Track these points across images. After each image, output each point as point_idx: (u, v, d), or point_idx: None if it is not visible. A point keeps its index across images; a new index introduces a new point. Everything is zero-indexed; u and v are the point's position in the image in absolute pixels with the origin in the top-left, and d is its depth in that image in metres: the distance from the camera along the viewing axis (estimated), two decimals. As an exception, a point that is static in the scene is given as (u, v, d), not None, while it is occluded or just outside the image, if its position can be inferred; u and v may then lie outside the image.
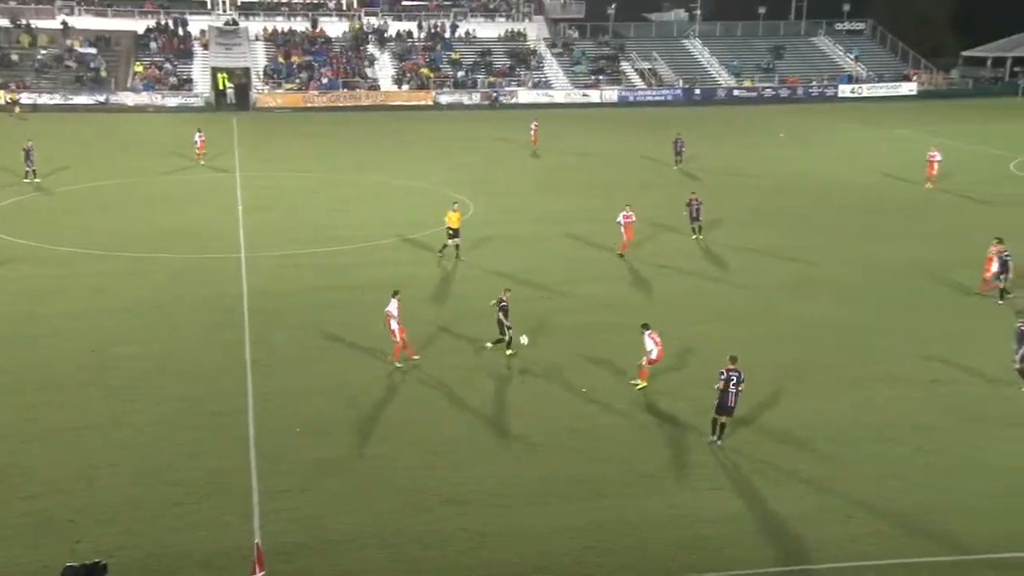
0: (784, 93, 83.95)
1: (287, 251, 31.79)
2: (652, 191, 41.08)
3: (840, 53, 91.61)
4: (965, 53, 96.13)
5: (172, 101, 73.67)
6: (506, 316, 22.46)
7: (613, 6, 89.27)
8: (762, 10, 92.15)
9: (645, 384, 20.71)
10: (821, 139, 59.57)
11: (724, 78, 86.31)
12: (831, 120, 68.46)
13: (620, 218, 31.25)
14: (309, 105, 75.04)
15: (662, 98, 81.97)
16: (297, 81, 77.52)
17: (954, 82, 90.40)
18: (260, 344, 23.21)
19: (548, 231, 34.65)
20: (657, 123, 64.97)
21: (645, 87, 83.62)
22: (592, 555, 14.74)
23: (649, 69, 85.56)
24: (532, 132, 54.60)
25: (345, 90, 77.19)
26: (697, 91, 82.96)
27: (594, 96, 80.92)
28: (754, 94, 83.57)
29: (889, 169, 46.80)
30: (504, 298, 22.64)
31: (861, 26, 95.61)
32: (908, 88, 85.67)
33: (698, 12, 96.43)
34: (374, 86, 78.71)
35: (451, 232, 30.69)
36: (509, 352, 22.47)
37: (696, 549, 14.92)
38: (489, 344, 22.80)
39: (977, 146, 54.57)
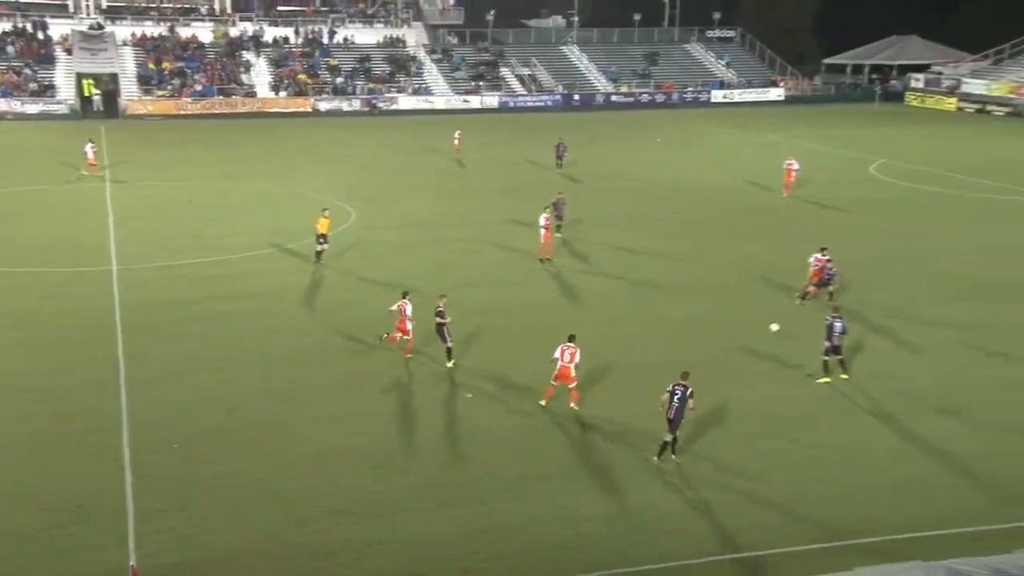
0: (660, 98, 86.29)
1: (161, 262, 30.84)
2: (531, 192, 41.46)
3: (712, 60, 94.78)
4: (827, 60, 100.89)
5: (33, 108, 70.23)
6: (444, 320, 21.89)
7: (492, 12, 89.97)
8: (637, 17, 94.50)
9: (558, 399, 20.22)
10: (697, 144, 61.50)
11: (602, 84, 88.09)
12: (705, 125, 70.77)
13: (542, 220, 31.26)
14: (182, 112, 72.79)
15: (542, 104, 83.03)
16: (169, 88, 75.11)
17: (818, 88, 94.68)
18: (134, 359, 22.45)
19: (423, 236, 34.88)
20: (538, 128, 65.83)
21: (525, 93, 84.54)
22: (478, 560, 14.84)
23: (529, 75, 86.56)
24: (456, 142, 54.19)
25: (220, 97, 75.23)
26: (576, 97, 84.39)
27: (475, 102, 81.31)
28: (631, 99, 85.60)
29: (760, 173, 48.70)
30: (440, 305, 22.14)
31: (731, 34, 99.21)
32: (776, 94, 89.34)
33: (575, 19, 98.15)
34: (251, 93, 76.95)
35: (321, 239, 30.54)
36: (450, 364, 22.15)
37: (581, 549, 15.16)
38: (450, 364, 22.09)
39: (840, 150, 57.40)
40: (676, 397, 17.61)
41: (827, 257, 26.88)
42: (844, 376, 21.79)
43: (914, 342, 24.07)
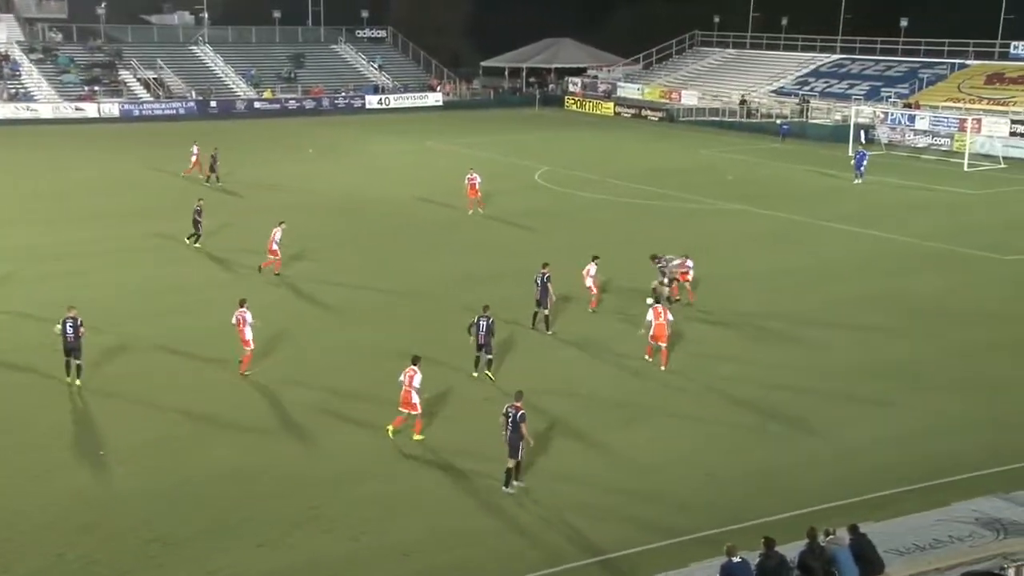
0: (309, 105, 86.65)
1: None
2: (178, 209, 40.11)
3: (363, 62, 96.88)
4: (484, 63, 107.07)
5: None
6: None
7: (104, 5, 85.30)
8: (277, 14, 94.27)
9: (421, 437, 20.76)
10: (355, 153, 62.56)
11: (242, 88, 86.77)
12: (362, 132, 72.14)
13: (275, 235, 32.75)
14: None
15: (173, 111, 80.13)
16: None
17: (477, 92, 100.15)
18: None
19: (34, 269, 33.35)
20: (170, 138, 63.60)
21: (152, 99, 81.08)
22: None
23: (155, 79, 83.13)
24: (193, 158, 51.15)
25: None
26: (213, 103, 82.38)
27: (90, 110, 76.61)
28: (277, 106, 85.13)
29: (425, 182, 50.61)
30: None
31: (382, 34, 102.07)
32: (435, 99, 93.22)
33: (205, 15, 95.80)
34: None
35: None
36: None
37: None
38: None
39: (504, 157, 61.20)
40: (509, 420, 18.30)
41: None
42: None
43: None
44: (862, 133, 67.25)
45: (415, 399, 20.37)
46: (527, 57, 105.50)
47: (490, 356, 24.07)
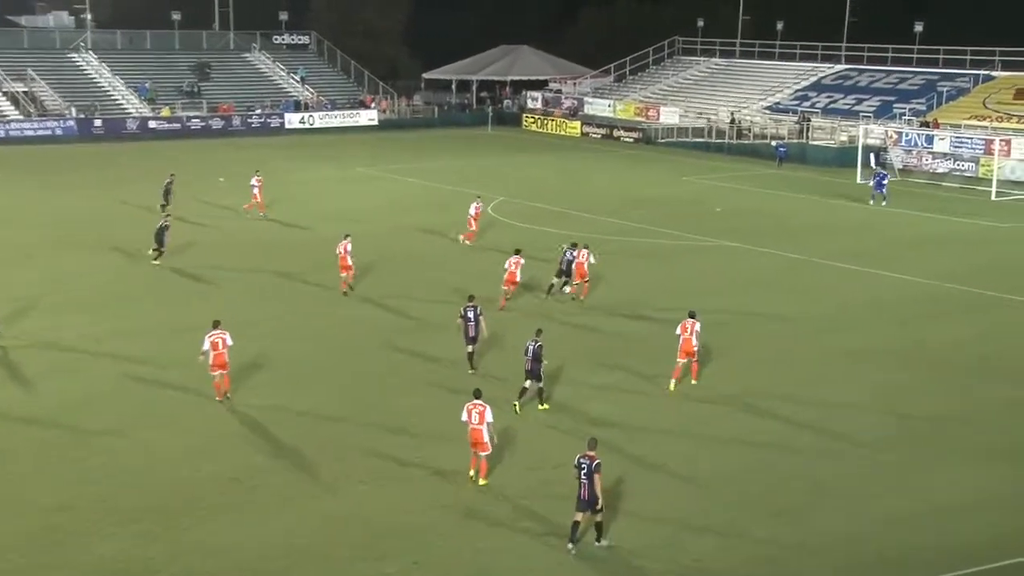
0: (217, 124, 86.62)
1: None
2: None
3: (282, 73, 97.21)
4: (427, 75, 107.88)
5: None
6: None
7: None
8: (176, 16, 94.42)
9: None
10: (273, 183, 62.15)
11: (134, 105, 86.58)
12: (282, 158, 71.94)
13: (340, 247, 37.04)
14: None
15: (48, 132, 79.73)
16: None
17: (418, 110, 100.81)
18: None
19: None
20: (48, 164, 63.16)
21: (22, 117, 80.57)
22: None
23: (25, 92, 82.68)
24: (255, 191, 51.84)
25: None
26: (98, 122, 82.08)
27: (-55, 131, 76.06)
28: (177, 126, 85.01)
29: (356, 217, 50.59)
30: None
31: (304, 40, 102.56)
32: (368, 117, 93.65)
33: (88, 17, 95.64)
34: None
35: None
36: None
37: None
38: (542, 405, 26.62)
39: (452, 186, 61.48)
40: (583, 472, 19.32)
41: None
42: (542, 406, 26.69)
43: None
44: (872, 156, 68.54)
45: (486, 437, 22.11)
46: (478, 68, 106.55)
47: (540, 384, 26.53)
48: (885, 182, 58.35)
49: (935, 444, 25.33)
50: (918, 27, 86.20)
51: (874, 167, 65.20)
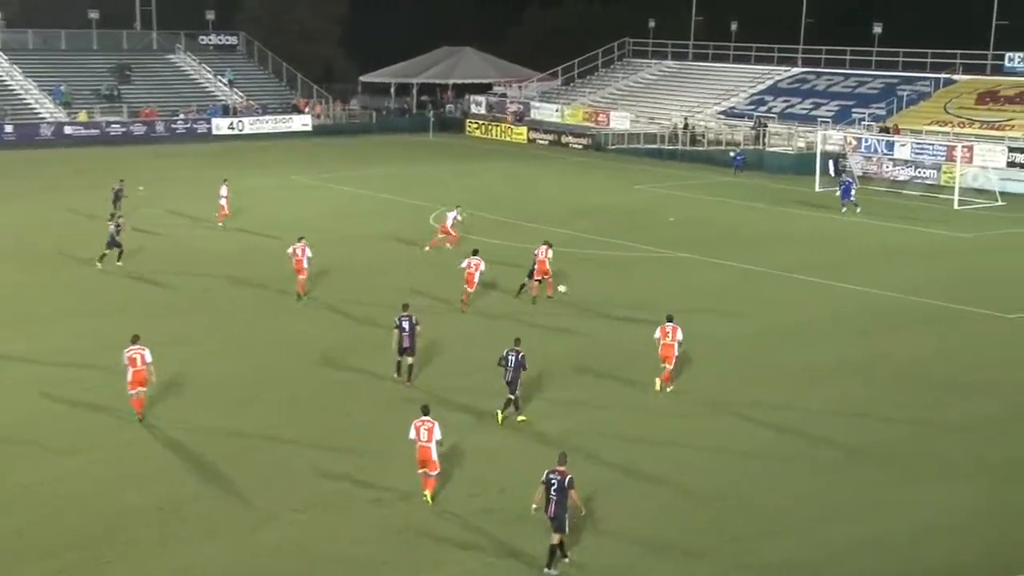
0: (138, 130, 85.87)
1: None
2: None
3: (208, 76, 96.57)
4: (364, 78, 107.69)
5: None
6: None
7: None
8: (94, 15, 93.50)
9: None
10: (198, 194, 61.54)
11: (48, 109, 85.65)
12: (209, 166, 71.22)
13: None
14: None
15: (-47, 139, 78.76)
16: None
17: (355, 115, 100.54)
18: None
19: None
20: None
21: (-73, 123, 79.51)
22: None
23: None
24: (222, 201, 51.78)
25: None
26: (8, 128, 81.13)
27: None
28: (95, 132, 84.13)
29: (289, 227, 50.30)
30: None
31: (232, 40, 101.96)
32: (301, 122, 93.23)
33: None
34: None
35: None
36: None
37: None
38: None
39: (392, 195, 61.41)
40: (553, 488, 19.61)
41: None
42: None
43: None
44: (831, 163, 69.52)
45: (435, 455, 22.46)
46: (418, 70, 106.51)
47: (518, 395, 27.08)
48: (853, 190, 59.06)
49: (898, 462, 25.63)
50: (877, 28, 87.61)
51: (836, 175, 66.09)
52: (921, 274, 44.83)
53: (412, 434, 22.38)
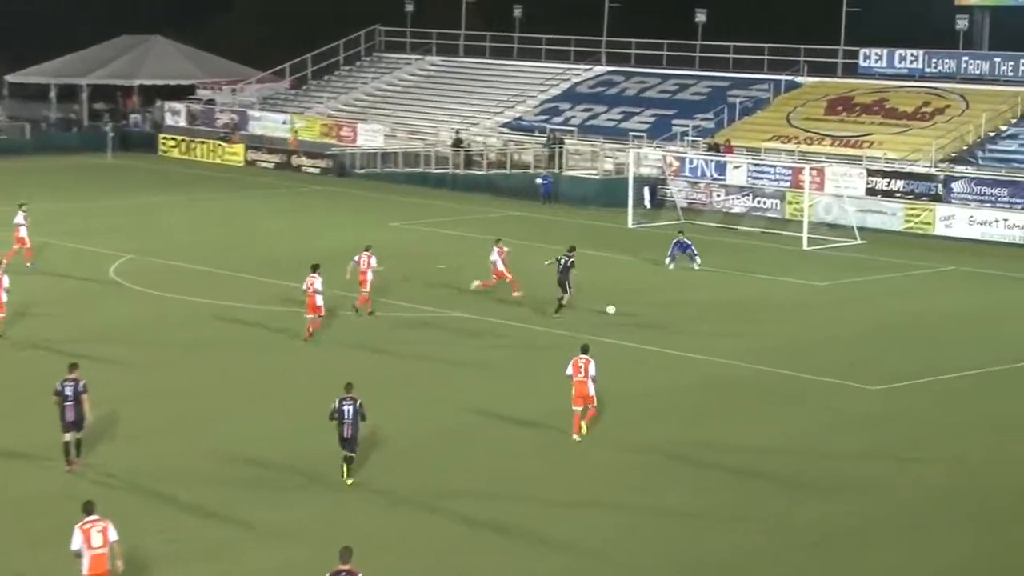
0: None
1: None
2: None
3: None
4: (11, 78, 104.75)
5: None
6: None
7: None
8: None
9: None
10: None
11: None
12: None
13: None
14: None
15: None
16: None
17: (2, 128, 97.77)
18: None
19: None
20: None
21: None
22: None
23: None
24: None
25: None
26: None
27: None
28: None
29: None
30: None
31: None
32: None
33: None
34: None
35: None
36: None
37: None
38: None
39: (58, 240, 59.73)
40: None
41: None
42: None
43: None
44: (647, 191, 70.58)
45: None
46: (90, 67, 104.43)
47: (352, 453, 29.40)
48: (691, 250, 57.06)
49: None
50: (700, 16, 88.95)
51: (653, 207, 66.95)
52: (765, 337, 45.70)
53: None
